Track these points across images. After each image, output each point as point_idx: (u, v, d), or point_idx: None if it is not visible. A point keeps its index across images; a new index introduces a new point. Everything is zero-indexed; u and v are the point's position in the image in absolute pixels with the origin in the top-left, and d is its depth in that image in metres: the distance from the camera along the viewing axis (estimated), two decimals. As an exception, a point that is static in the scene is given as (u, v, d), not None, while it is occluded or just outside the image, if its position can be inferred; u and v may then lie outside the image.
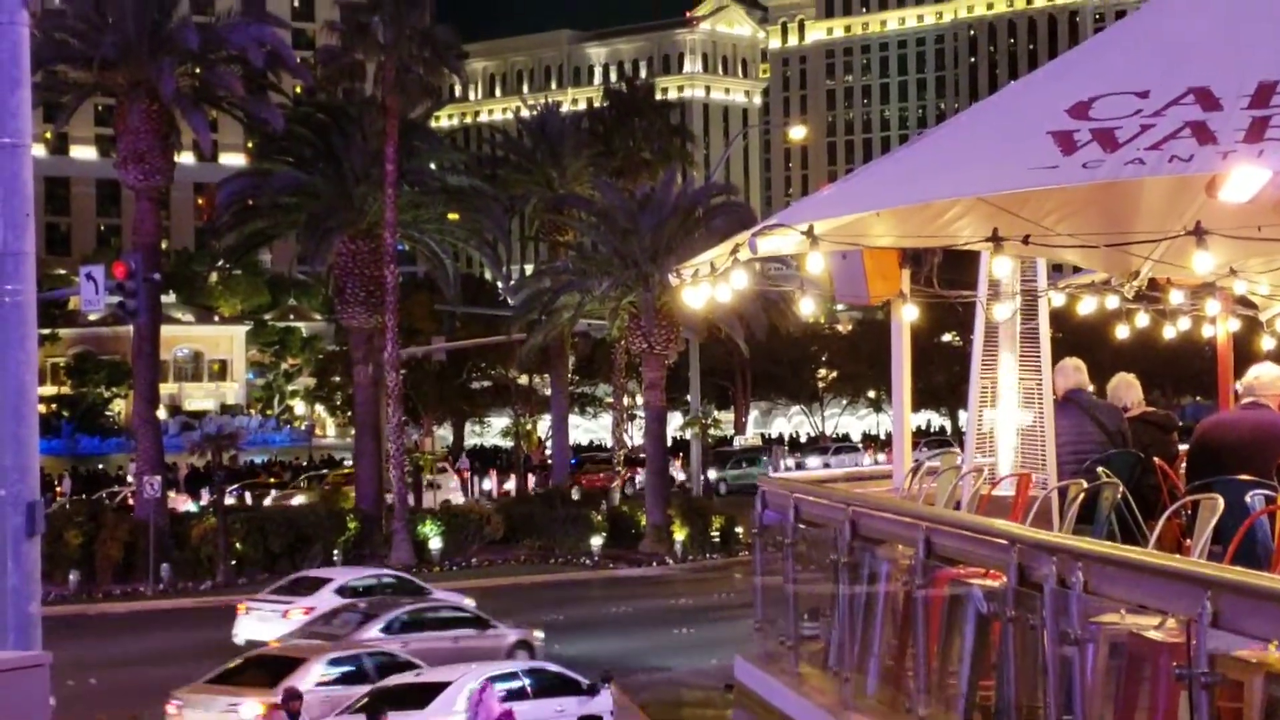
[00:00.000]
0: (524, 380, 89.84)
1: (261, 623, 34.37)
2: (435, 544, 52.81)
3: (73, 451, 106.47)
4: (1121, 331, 13.58)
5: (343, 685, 25.88)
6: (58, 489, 79.08)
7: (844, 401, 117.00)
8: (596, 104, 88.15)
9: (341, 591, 35.67)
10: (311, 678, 25.65)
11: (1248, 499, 9.00)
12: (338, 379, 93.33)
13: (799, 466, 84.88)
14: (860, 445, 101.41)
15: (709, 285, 10.75)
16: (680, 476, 76.87)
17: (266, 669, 26.34)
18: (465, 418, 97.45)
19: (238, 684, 25.89)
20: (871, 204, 9.68)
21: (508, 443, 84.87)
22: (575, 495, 64.25)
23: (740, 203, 70.97)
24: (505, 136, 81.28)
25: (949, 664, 9.34)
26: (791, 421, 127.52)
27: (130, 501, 56.33)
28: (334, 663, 26.62)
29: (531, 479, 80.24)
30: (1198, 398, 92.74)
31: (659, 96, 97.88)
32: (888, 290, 12.49)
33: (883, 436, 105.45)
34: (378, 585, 37.26)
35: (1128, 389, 12.38)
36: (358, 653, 27.54)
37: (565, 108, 75.63)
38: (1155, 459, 11.50)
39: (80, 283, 34.99)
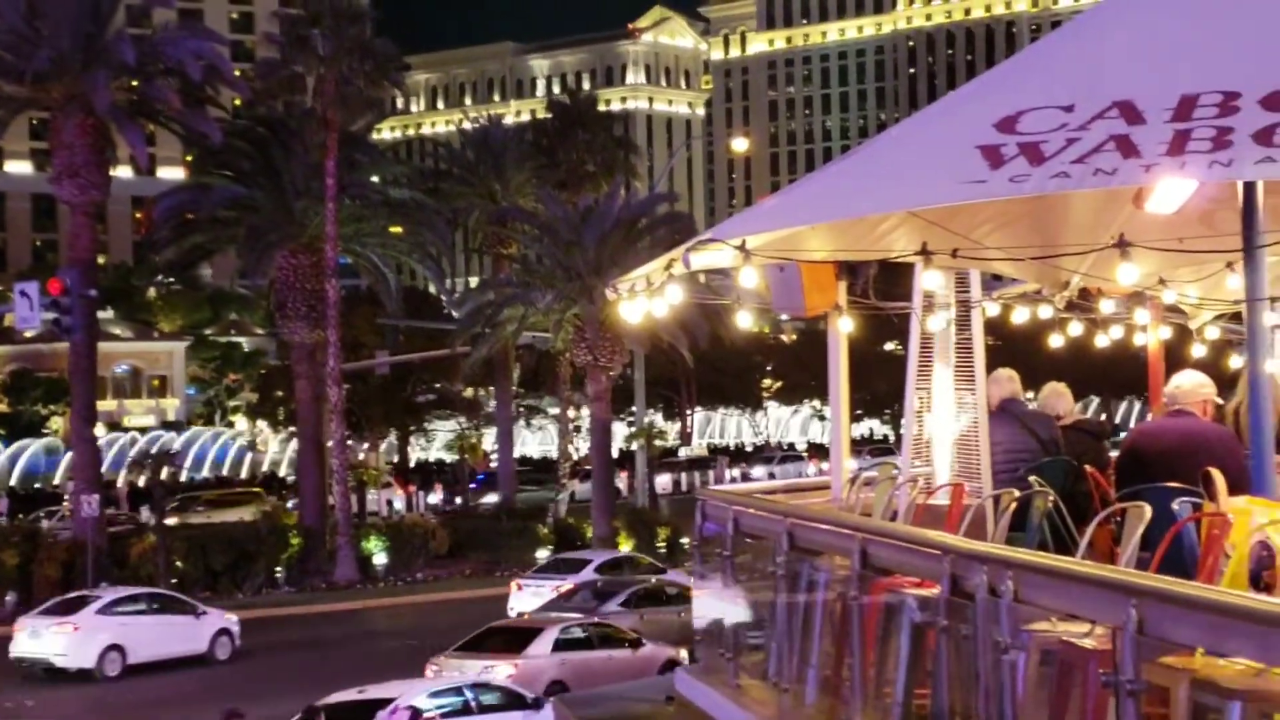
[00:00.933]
0: (469, 393, 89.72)
1: (534, 597, 41.13)
2: (380, 559, 52.71)
3: (9, 471, 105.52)
4: (1055, 340, 13.76)
5: (579, 650, 31.43)
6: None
7: (788, 411, 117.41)
8: (540, 116, 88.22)
9: (600, 569, 43.11)
10: (545, 644, 31.07)
11: (1175, 506, 9.16)
12: (280, 394, 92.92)
13: (744, 477, 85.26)
14: (805, 454, 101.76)
15: (646, 299, 10.85)
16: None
17: (507, 637, 31.91)
18: (410, 431, 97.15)
19: (484, 651, 31.02)
20: (806, 218, 9.78)
21: (452, 456, 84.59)
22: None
23: (683, 214, 71.34)
24: (448, 149, 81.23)
25: (885, 673, 9.44)
26: (737, 430, 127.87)
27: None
28: (565, 631, 31.83)
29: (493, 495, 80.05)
30: (1137, 404, 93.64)
31: (602, 108, 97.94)
32: (824, 302, 12.60)
33: (827, 445, 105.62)
34: (625, 562, 45.63)
35: (1059, 398, 12.56)
36: (584, 622, 33.10)
37: (508, 119, 75.62)
38: (1087, 466, 11.67)
39: (15, 299, 34.81)
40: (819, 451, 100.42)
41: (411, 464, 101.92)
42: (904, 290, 12.44)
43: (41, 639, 36.50)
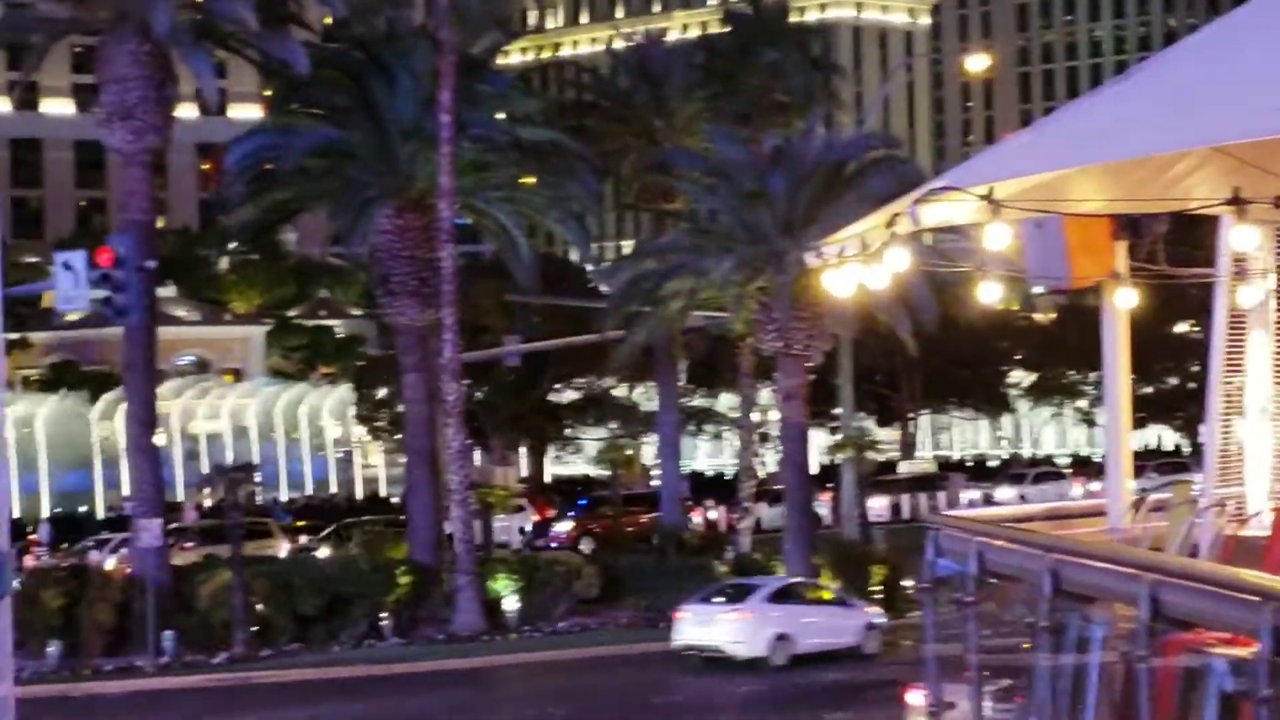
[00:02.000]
0: (622, 391, 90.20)
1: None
2: (510, 603, 53.13)
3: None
4: None
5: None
6: (32, 538, 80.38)
7: (1045, 413, 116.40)
8: (713, 30, 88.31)
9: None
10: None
11: None
12: (383, 392, 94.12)
13: (986, 499, 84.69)
14: (1067, 471, 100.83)
15: (859, 266, 10.72)
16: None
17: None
18: (547, 440, 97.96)
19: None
20: (1072, 158, 9.61)
21: (602, 471, 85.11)
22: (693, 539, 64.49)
23: (903, 157, 70.79)
24: (595, 76, 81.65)
25: (1184, 759, 9.30)
26: (975, 439, 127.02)
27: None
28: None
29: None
30: None
31: (795, 18, 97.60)
32: (1097, 269, 12.42)
33: (1096, 459, 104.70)
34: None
35: None
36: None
37: (672, 35, 75.86)
38: None
39: (56, 274, 35.51)
40: (1087, 467, 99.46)
41: (549, 480, 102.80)
42: (1205, 253, 12.20)
43: (710, 627, 46.10)
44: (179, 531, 65.81)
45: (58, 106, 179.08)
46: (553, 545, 71.29)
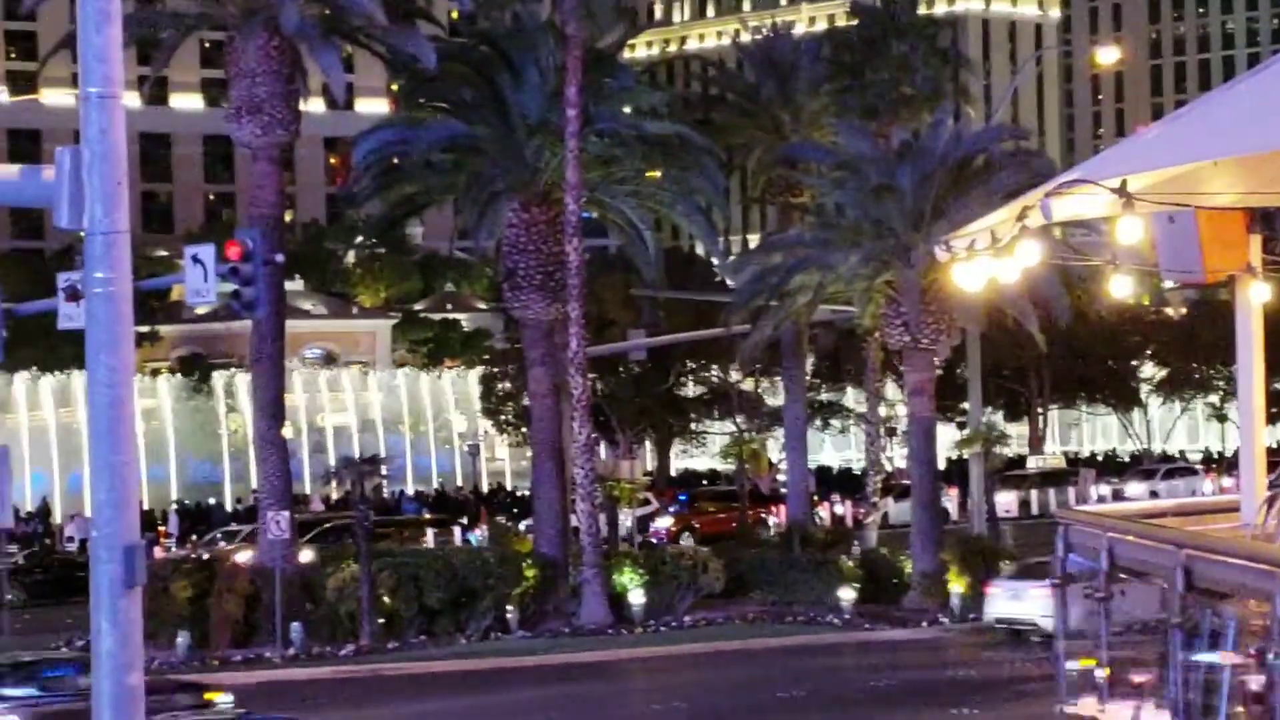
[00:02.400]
0: (748, 385, 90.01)
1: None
2: (636, 598, 53.19)
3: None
4: None
5: None
6: (161, 529, 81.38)
7: (1176, 409, 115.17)
8: (840, 23, 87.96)
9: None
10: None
11: None
12: (509, 385, 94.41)
13: (1116, 495, 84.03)
14: (1199, 467, 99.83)
15: (989, 259, 10.70)
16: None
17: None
18: (673, 434, 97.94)
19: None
20: (1208, 150, 9.56)
21: (728, 465, 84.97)
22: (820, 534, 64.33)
23: (1033, 150, 70.33)
24: (721, 69, 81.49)
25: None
26: (1105, 436, 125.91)
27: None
28: None
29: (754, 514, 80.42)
30: None
31: (923, 11, 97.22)
32: (1230, 263, 12.31)
33: (1228, 455, 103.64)
34: None
35: None
36: None
37: (799, 29, 75.74)
38: None
39: (185, 267, 35.80)
40: (1218, 463, 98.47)
41: (675, 475, 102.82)
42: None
43: (1023, 602, 46.73)
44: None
45: (187, 102, 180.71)
46: (653, 541, 71.16)
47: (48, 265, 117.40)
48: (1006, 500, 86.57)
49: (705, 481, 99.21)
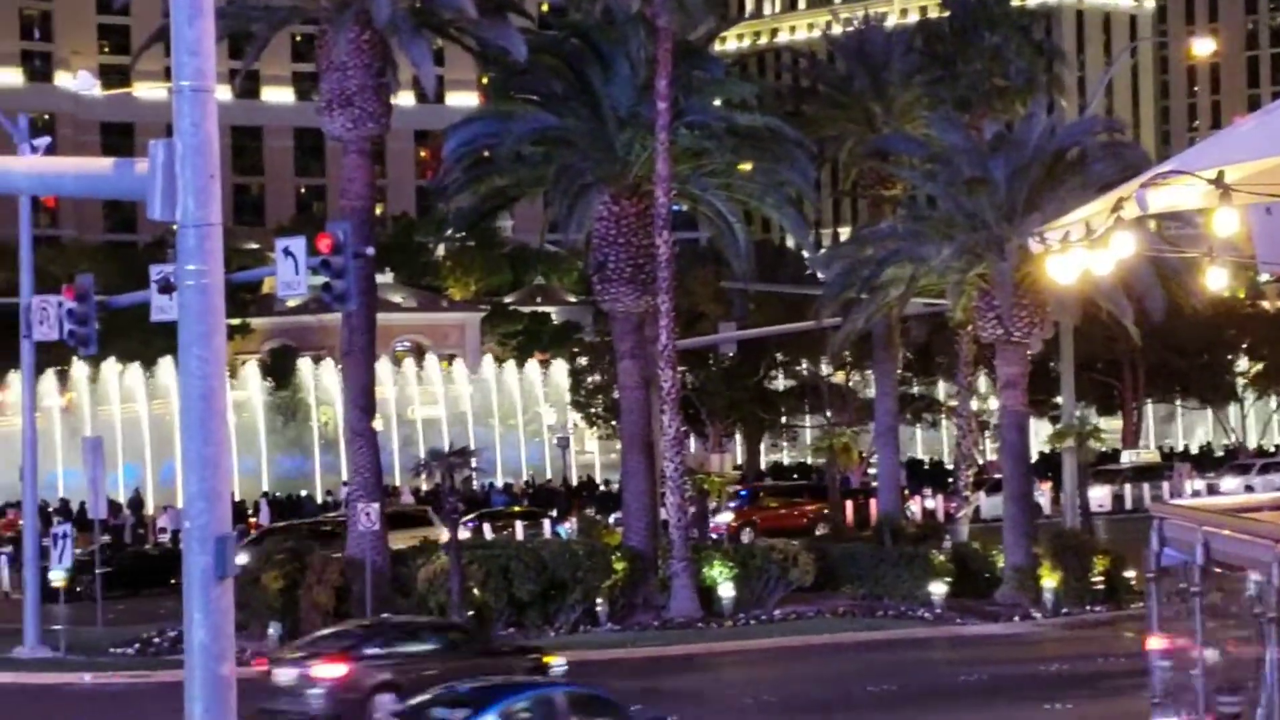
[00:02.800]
0: (839, 378, 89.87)
1: None
2: (726, 591, 53.19)
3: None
4: None
5: None
6: (252, 520, 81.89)
7: (1272, 403, 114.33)
8: (932, 15, 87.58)
9: None
10: None
11: None
12: (599, 378, 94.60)
13: (1210, 490, 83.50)
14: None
15: (1084, 251, 10.64)
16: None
17: None
18: (763, 427, 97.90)
19: None
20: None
21: (818, 459, 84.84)
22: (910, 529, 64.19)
23: (1127, 142, 69.84)
24: (811, 62, 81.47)
25: None
26: (1200, 430, 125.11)
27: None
28: None
29: (850, 507, 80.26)
30: None
31: (1016, 2, 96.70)
32: (1329, 254, 12.18)
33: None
34: None
35: None
36: None
37: (891, 20, 75.43)
38: None
39: (276, 260, 35.99)
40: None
41: (765, 469, 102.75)
42: None
43: None
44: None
45: (278, 95, 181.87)
46: (713, 536, 71.06)
47: (141, 258, 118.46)
48: (1100, 495, 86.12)
49: (795, 475, 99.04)
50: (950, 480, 79.15)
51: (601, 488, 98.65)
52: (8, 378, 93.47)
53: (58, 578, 49.35)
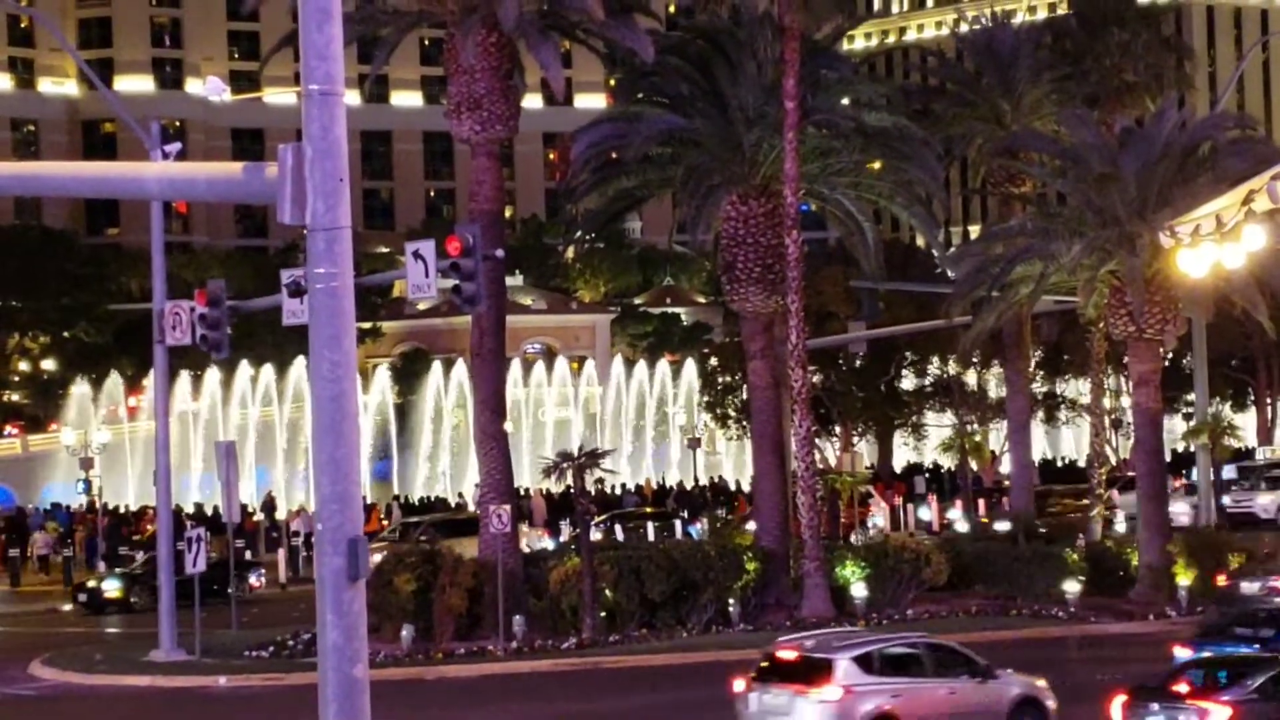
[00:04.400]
0: (970, 377, 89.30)
1: None
2: (859, 590, 52.99)
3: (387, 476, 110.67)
4: None
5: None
6: (383, 523, 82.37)
7: None
8: (1060, 11, 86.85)
9: None
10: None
11: None
12: (729, 379, 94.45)
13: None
14: None
15: (1214, 245, 10.53)
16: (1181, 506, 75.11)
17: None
18: (894, 427, 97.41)
19: None
20: None
21: (950, 459, 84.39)
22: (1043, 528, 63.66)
23: (1259, 137, 68.91)
24: (939, 60, 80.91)
25: None
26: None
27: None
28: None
29: (983, 506, 79.73)
30: None
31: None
32: None
33: None
34: None
35: None
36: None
37: (1019, 18, 74.65)
38: None
39: (406, 263, 36.14)
40: None
41: (898, 468, 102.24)
42: None
43: None
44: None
45: (406, 99, 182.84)
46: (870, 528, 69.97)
47: (272, 263, 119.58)
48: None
49: (927, 475, 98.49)
50: (1083, 478, 78.38)
51: (733, 488, 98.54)
52: (143, 382, 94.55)
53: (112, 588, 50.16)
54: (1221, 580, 51.83)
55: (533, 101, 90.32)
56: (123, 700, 44.69)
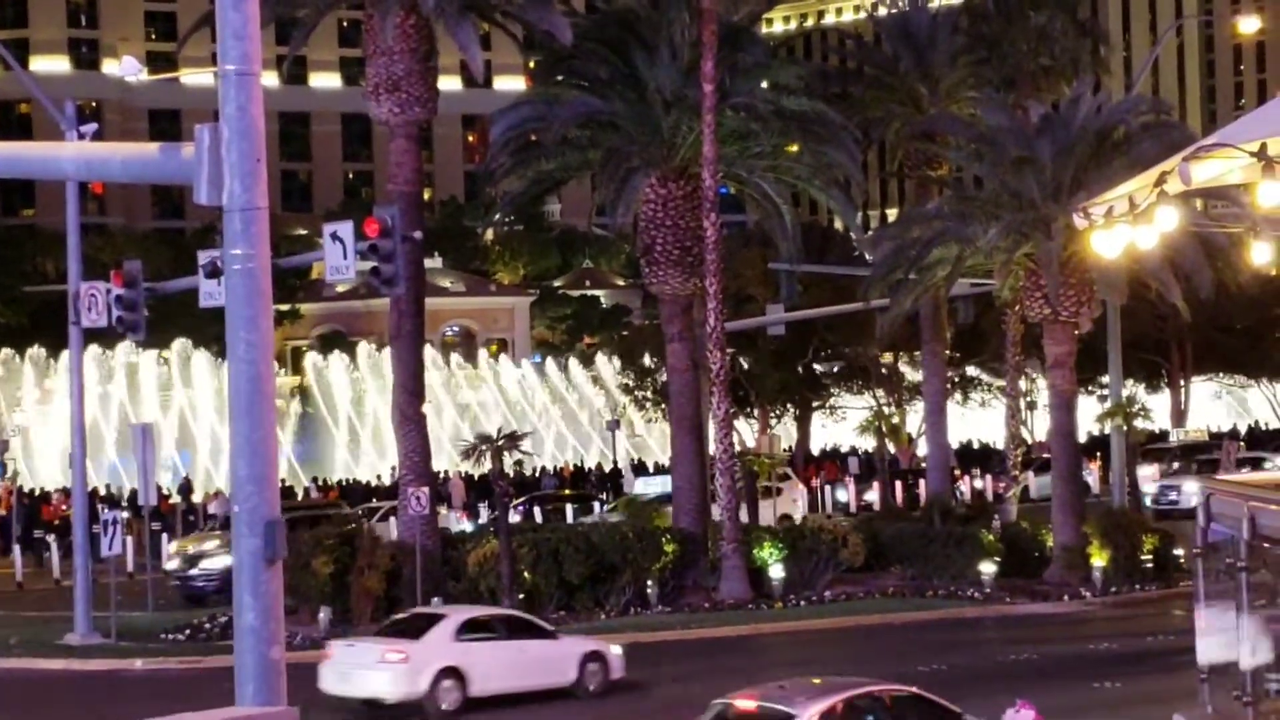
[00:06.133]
0: (887, 360, 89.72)
1: None
2: (776, 572, 53.16)
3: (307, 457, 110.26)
4: None
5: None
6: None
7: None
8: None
9: None
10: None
11: None
12: (647, 362, 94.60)
13: (1256, 466, 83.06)
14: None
15: (1128, 226, 10.59)
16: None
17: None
18: (812, 409, 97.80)
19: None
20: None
21: (867, 441, 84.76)
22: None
23: (1173, 122, 69.39)
24: (857, 43, 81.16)
25: None
26: (1249, 408, 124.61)
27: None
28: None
29: (899, 488, 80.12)
30: None
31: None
32: (1375, 228, 12.11)
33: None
34: None
35: None
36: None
37: (936, 2, 74.82)
38: None
39: (324, 245, 36.13)
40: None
41: (815, 451, 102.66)
42: None
43: None
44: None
45: (325, 80, 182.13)
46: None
47: (189, 244, 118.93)
48: (1149, 473, 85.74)
49: (861, 456, 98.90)
50: (999, 460, 78.91)
51: (651, 471, 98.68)
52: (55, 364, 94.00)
53: None
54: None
55: (452, 84, 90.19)
56: (36, 684, 44.40)
